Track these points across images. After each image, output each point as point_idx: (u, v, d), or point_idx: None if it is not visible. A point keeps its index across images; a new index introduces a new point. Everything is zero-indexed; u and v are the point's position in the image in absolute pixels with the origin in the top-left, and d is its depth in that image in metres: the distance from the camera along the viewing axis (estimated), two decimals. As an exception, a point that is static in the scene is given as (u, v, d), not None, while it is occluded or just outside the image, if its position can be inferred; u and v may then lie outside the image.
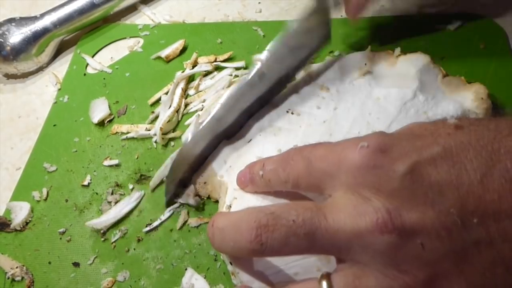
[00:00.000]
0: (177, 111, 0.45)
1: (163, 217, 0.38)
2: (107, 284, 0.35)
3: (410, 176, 0.24)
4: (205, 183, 0.38)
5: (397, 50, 0.42)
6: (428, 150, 0.25)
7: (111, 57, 0.53)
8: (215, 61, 0.49)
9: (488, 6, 0.49)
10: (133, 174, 0.42)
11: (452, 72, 0.42)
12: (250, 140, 0.39)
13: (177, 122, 0.45)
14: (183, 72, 0.47)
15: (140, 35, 0.54)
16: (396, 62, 0.41)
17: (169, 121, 0.43)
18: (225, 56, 0.49)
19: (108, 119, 0.46)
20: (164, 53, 0.51)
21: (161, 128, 0.43)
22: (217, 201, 0.38)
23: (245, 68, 0.48)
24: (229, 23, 0.54)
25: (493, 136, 0.25)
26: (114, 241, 0.38)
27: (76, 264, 0.37)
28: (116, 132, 0.45)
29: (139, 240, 0.37)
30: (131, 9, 0.58)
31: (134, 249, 0.37)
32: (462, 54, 0.45)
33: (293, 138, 0.37)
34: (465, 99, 0.38)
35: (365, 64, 0.41)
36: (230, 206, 0.34)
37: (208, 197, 0.38)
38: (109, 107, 0.47)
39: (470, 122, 0.26)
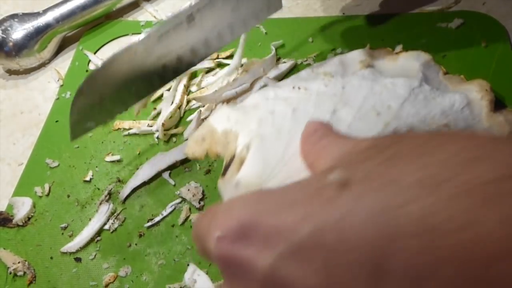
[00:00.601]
0: (179, 107, 0.45)
1: (164, 213, 0.38)
2: (109, 279, 0.35)
3: (267, 281, 0.17)
4: (202, 139, 0.35)
5: (398, 47, 0.42)
6: (295, 236, 0.16)
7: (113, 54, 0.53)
8: (217, 58, 0.49)
9: (489, 5, 0.49)
10: (135, 170, 0.42)
11: (454, 70, 0.42)
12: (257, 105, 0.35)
13: (179, 118, 0.45)
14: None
15: (143, 32, 0.54)
16: (397, 58, 0.41)
17: (171, 117, 0.43)
18: (227, 53, 0.49)
19: (110, 116, 0.46)
20: (166, 50, 0.51)
21: (163, 124, 0.43)
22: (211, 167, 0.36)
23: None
24: (231, 20, 0.54)
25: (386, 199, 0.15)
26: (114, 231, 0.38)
27: (77, 259, 0.37)
28: (118, 128, 0.45)
29: (140, 236, 0.37)
30: (134, 6, 0.58)
31: (136, 244, 0.37)
32: (464, 52, 0.45)
33: (306, 101, 0.34)
34: (469, 91, 0.38)
35: (365, 59, 0.41)
36: (248, 148, 0.31)
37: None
38: (111, 103, 0.47)
39: (360, 177, 0.17)
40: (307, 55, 0.47)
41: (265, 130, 0.32)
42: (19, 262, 0.37)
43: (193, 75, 0.48)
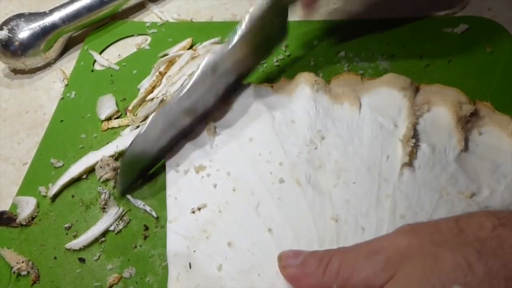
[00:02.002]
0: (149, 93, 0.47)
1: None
2: (113, 280, 0.35)
3: None
4: None
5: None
6: None
7: (119, 54, 0.53)
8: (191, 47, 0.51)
9: (495, 10, 0.49)
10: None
11: (459, 76, 0.43)
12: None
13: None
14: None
15: (148, 33, 0.55)
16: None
17: (140, 104, 0.46)
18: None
19: (115, 116, 0.47)
20: (172, 51, 0.51)
21: (129, 110, 0.45)
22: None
23: (221, 42, 0.51)
24: (237, 22, 0.54)
25: None
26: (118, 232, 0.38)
27: (81, 260, 0.37)
28: (107, 128, 0.45)
29: (145, 237, 0.37)
30: (139, 7, 0.58)
31: (140, 246, 0.37)
32: (469, 57, 0.45)
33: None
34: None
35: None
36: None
37: None
38: (116, 104, 0.47)
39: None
40: (311, 58, 0.47)
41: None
42: (22, 262, 0.37)
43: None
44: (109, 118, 0.46)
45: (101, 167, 0.41)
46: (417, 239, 0.25)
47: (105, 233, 0.38)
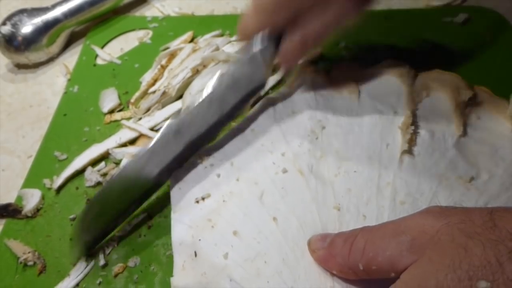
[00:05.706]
0: (152, 86, 0.48)
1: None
2: (118, 270, 0.36)
3: None
4: None
5: None
6: None
7: (121, 48, 0.54)
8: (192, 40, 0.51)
9: (495, 0, 0.49)
10: (143, 162, 0.42)
11: (458, 65, 0.43)
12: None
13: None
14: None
15: (149, 27, 0.55)
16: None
17: (142, 97, 0.46)
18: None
19: (118, 109, 0.47)
20: (173, 44, 0.51)
21: (132, 103, 0.46)
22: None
23: (222, 35, 0.51)
24: (238, 15, 0.54)
25: None
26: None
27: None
28: (110, 121, 0.46)
29: (149, 227, 0.38)
30: (141, 1, 0.59)
31: (145, 235, 0.37)
32: (469, 47, 0.45)
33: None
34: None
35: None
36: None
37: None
38: (119, 97, 0.48)
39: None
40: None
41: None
42: (29, 252, 0.38)
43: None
44: (111, 111, 0.47)
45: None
46: (446, 224, 0.24)
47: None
